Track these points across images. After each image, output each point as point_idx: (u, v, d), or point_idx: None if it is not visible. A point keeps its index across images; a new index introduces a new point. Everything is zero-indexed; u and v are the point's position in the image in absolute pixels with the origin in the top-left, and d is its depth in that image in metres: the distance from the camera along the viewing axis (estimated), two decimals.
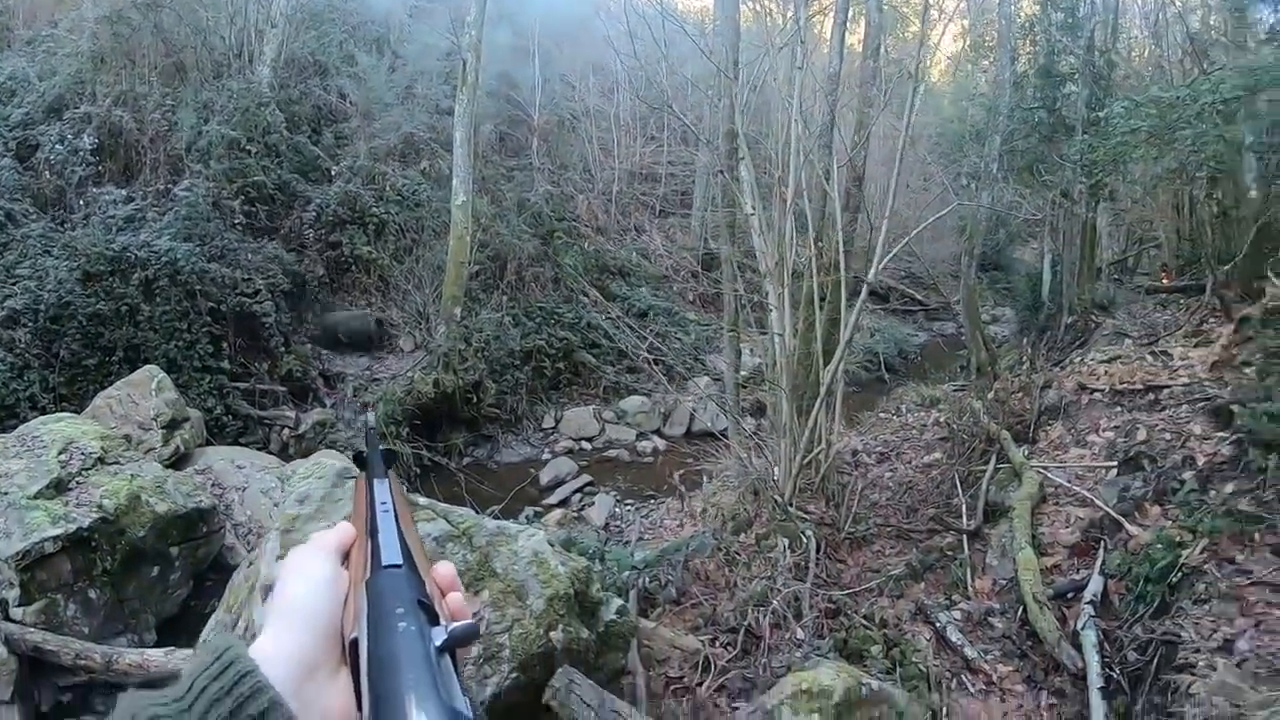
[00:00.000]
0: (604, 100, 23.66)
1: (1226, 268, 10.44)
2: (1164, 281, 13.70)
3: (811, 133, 10.02)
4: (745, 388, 11.64)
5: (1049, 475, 8.05)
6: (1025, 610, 6.54)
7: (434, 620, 0.71)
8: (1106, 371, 9.47)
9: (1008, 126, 14.69)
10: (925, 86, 27.19)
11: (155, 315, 11.68)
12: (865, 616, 7.07)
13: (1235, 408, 7.24)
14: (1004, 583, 7.16)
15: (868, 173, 12.33)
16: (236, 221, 13.78)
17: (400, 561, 0.79)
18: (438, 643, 0.67)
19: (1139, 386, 8.84)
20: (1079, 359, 10.51)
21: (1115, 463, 7.77)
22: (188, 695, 0.68)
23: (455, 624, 0.70)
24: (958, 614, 7.07)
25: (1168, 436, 7.63)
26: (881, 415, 13.13)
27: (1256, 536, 5.91)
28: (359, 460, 1.10)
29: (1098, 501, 7.32)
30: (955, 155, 18.40)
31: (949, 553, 7.88)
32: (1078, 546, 7.04)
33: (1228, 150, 9.73)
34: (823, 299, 9.32)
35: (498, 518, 6.29)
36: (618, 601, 6.03)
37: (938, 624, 6.90)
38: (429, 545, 4.63)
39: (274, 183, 14.83)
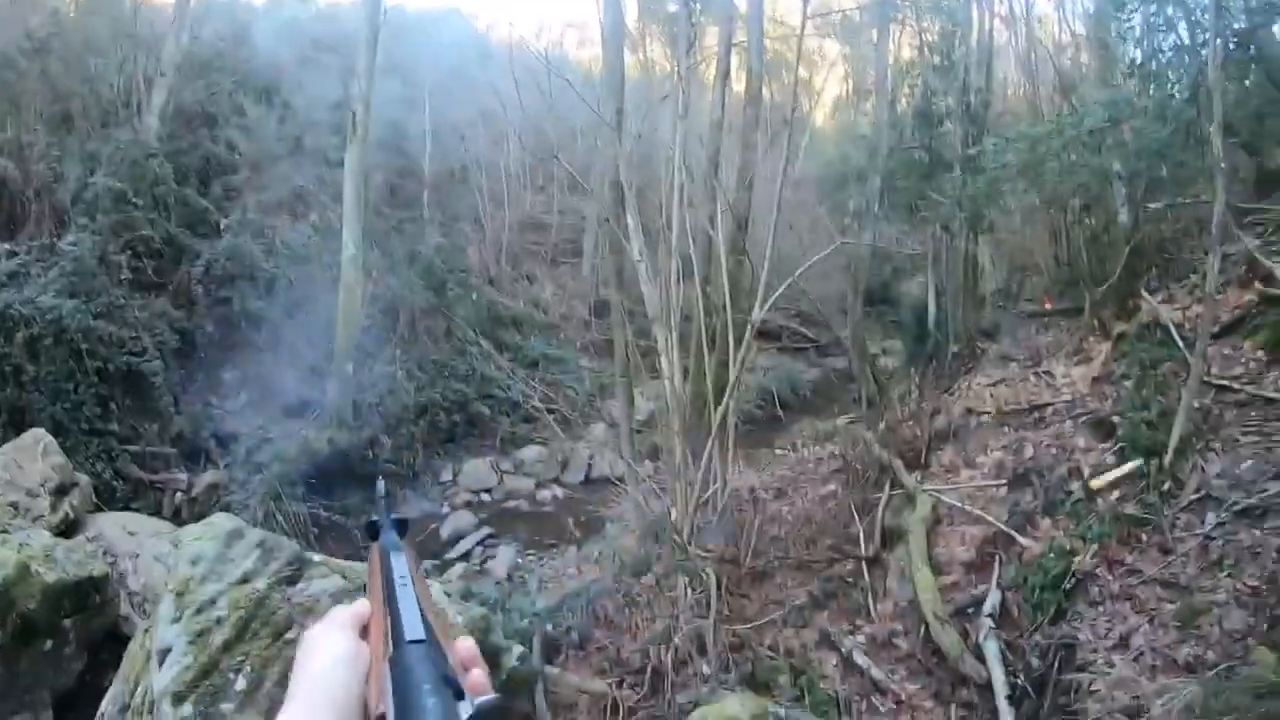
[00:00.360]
0: (494, 150, 23.64)
1: (1102, 289, 10.87)
2: (1045, 305, 14.18)
3: (695, 179, 10.16)
4: (640, 432, 11.60)
5: (942, 498, 8.19)
6: (928, 628, 6.59)
7: (459, 695, 0.71)
8: (992, 394, 9.74)
9: (888, 166, 15.14)
10: (809, 130, 28.07)
11: (40, 376, 11.11)
12: (770, 647, 7.05)
13: (1115, 419, 7.52)
14: (905, 604, 7.23)
15: (755, 216, 12.53)
16: (123, 277, 13.14)
17: (424, 636, 0.78)
18: (464, 718, 0.68)
19: (1024, 406, 9.11)
20: (966, 385, 10.78)
21: (1005, 480, 7.96)
22: None
23: (480, 699, 0.71)
24: (862, 638, 7.12)
25: (1054, 451, 7.86)
26: (778, 452, 13.25)
27: (1143, 537, 6.11)
28: (371, 529, 1.07)
29: (990, 519, 7.47)
30: (839, 196, 18.89)
31: (850, 580, 7.93)
32: (974, 563, 7.16)
33: (1095, 179, 10.19)
34: (713, 340, 9.38)
35: None
36: (519, 649, 5.92)
37: (843, 649, 6.91)
38: (325, 602, 4.46)
39: (162, 237, 14.22)
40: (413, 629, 0.78)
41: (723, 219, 10.28)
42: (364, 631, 0.86)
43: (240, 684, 4.24)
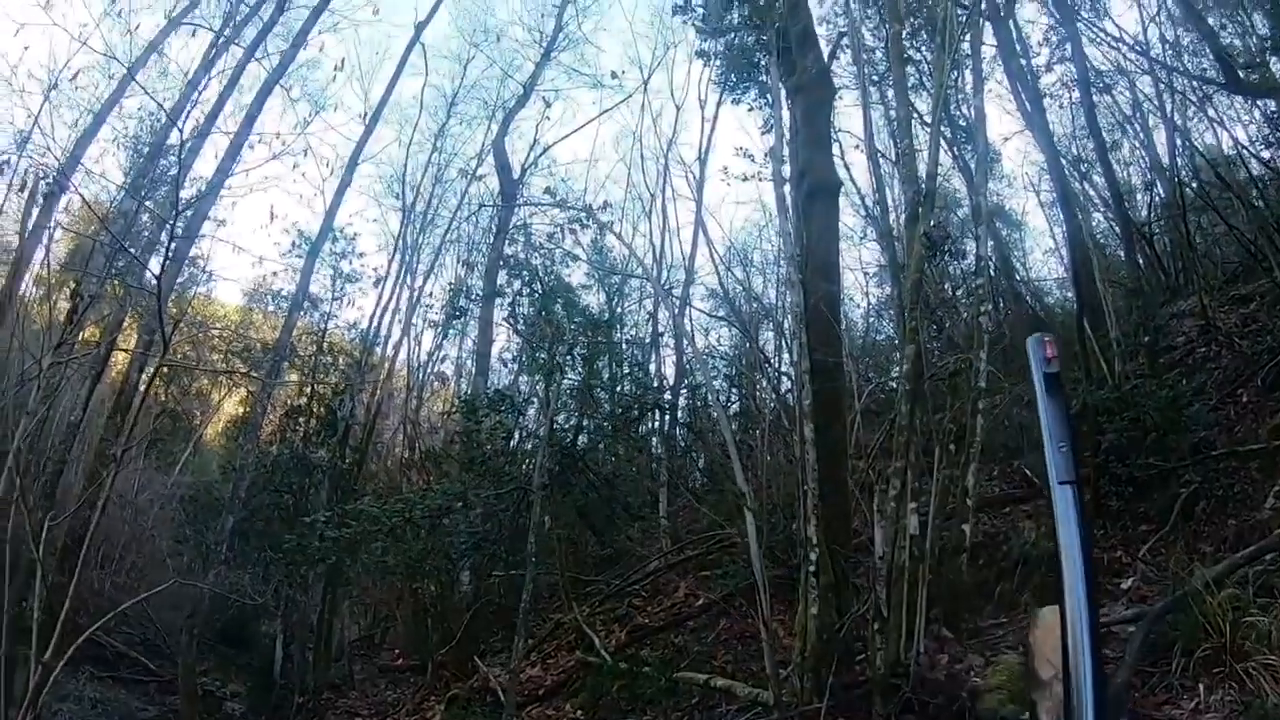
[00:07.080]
0: None
1: (444, 650, 11.45)
2: (398, 661, 14.45)
3: None
4: None
5: None
6: None
7: None
8: None
9: (248, 506, 14.79)
10: (194, 443, 26.61)
11: None
12: None
13: None
14: None
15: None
16: None
17: None
18: None
19: None
20: None
21: None
22: None
23: None
24: None
25: None
26: None
27: None
28: None
29: None
30: (198, 524, 17.89)
31: None
32: None
33: (434, 553, 10.98)
34: None
35: None
36: None
37: None
38: None
39: None
40: None
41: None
42: None
43: None
